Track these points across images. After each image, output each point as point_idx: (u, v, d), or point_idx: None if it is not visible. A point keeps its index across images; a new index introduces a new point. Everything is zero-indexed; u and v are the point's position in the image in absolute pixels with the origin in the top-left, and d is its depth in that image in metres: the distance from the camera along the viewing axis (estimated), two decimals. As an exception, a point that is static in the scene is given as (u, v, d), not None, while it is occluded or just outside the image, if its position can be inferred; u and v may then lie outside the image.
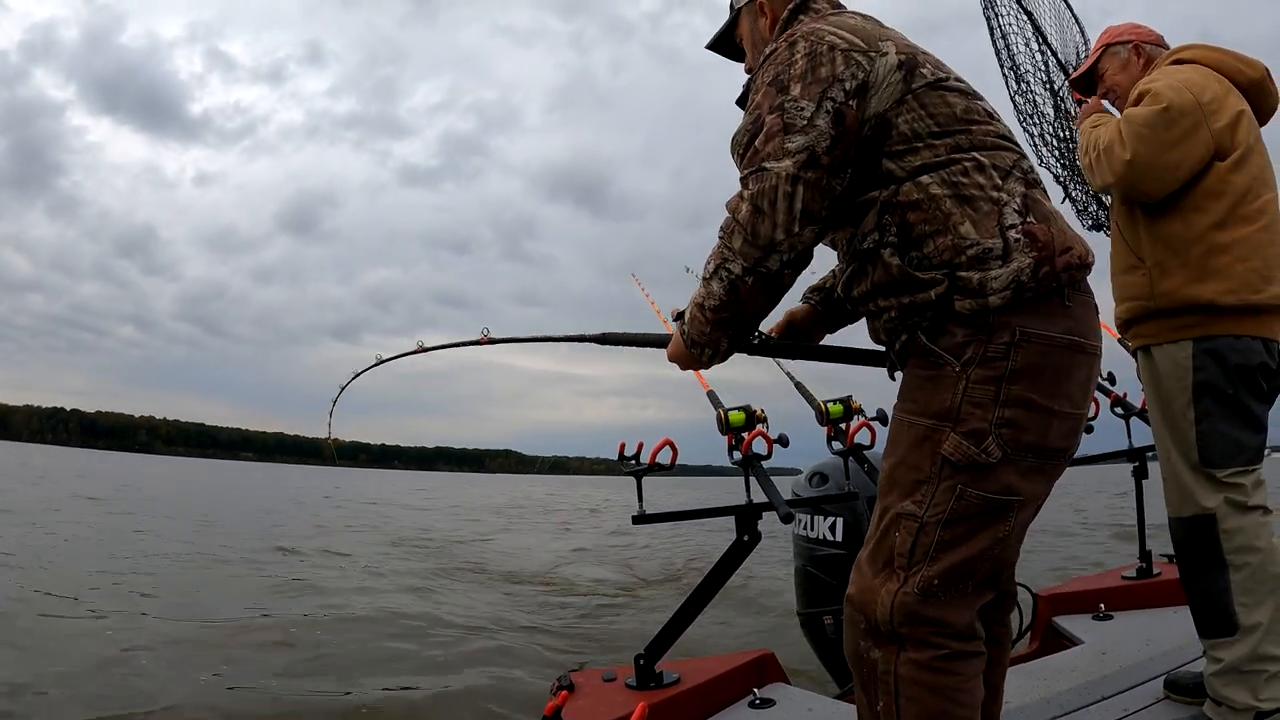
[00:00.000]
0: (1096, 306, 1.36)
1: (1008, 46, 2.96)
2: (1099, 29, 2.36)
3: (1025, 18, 2.94)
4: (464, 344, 2.07)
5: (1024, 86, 2.93)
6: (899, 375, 1.41)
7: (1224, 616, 1.83)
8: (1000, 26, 2.97)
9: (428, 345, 2.14)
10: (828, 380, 2.23)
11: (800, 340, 1.70)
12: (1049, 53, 2.94)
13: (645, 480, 2.10)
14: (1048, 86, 2.89)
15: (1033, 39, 2.95)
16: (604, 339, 1.84)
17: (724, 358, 1.44)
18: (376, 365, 2.18)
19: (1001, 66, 2.96)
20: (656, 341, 1.68)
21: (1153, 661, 2.34)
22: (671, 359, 1.51)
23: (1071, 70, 2.83)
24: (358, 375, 2.22)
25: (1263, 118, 2.02)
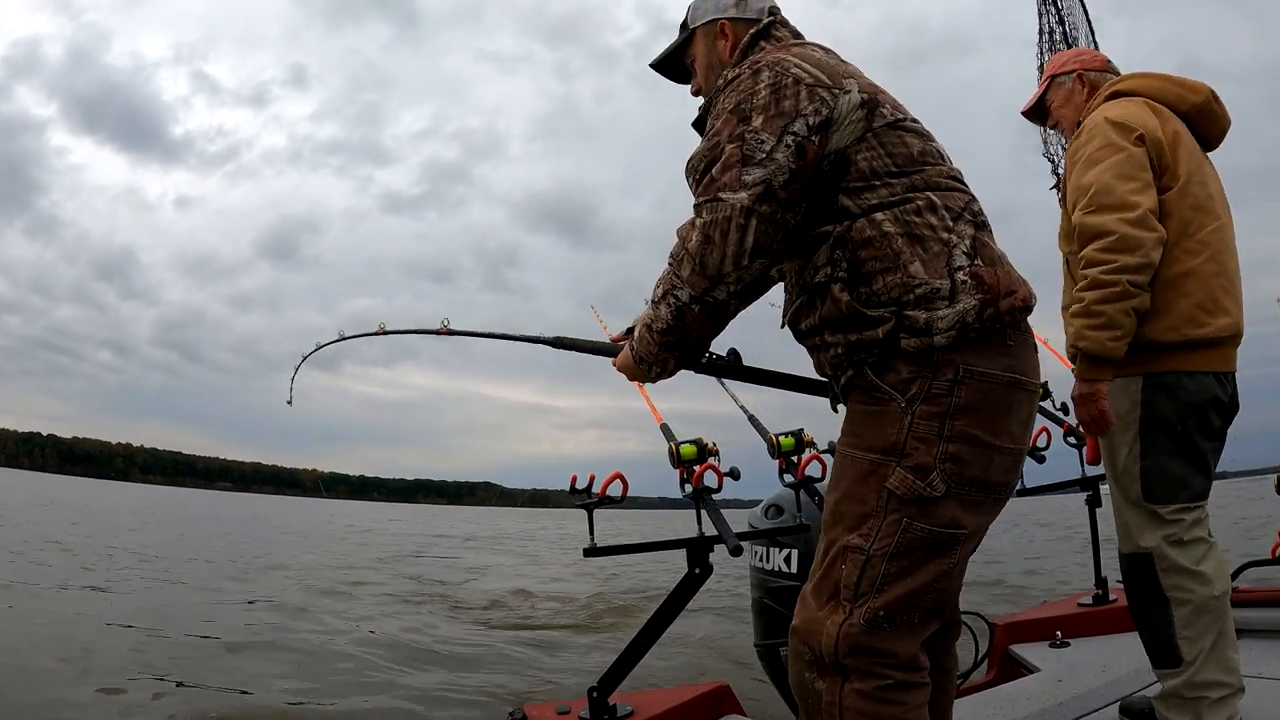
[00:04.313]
0: (1036, 345, 1.39)
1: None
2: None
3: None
4: (424, 331, 2.16)
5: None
6: (841, 409, 1.43)
7: (1169, 649, 1.85)
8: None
9: (389, 329, 2.23)
10: (784, 411, 2.26)
11: None
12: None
13: (618, 513, 2.11)
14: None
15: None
16: (558, 342, 1.87)
17: (671, 374, 1.48)
18: (339, 341, 2.30)
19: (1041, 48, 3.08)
20: (608, 350, 1.71)
21: (1108, 688, 2.36)
22: (619, 369, 1.55)
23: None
24: (321, 347, 2.35)
25: (1211, 142, 2.03)
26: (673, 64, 1.67)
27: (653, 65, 1.68)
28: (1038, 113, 2.32)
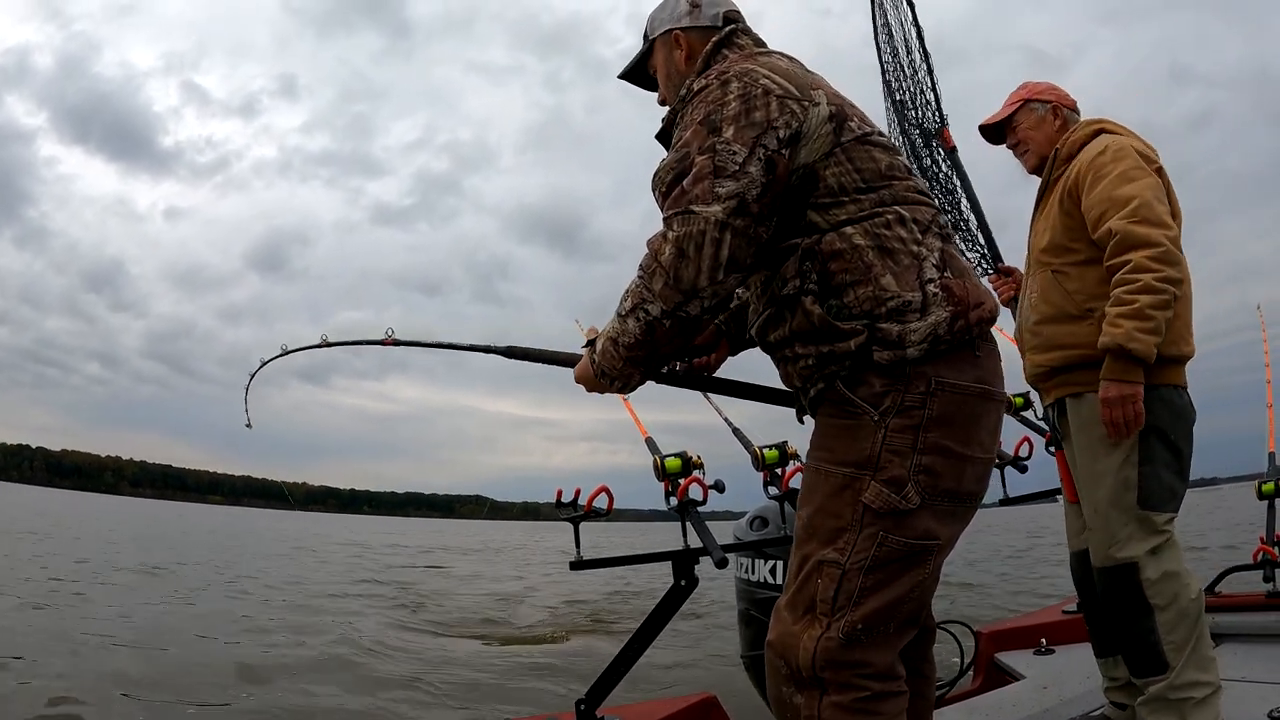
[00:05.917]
0: (999, 355, 1.41)
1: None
2: (1068, 67, 2.34)
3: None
4: (368, 342, 2.12)
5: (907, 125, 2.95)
6: (808, 420, 1.43)
7: (1154, 657, 1.88)
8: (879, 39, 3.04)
9: (331, 340, 2.19)
10: (768, 424, 2.28)
11: (699, 354, 1.72)
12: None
13: (610, 525, 2.11)
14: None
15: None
16: (510, 352, 1.84)
17: (633, 389, 1.45)
18: (282, 355, 2.25)
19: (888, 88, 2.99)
20: (564, 360, 1.67)
21: (1093, 694, 2.39)
22: (578, 381, 1.49)
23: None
24: (265, 364, 2.28)
25: None
26: (640, 73, 1.67)
27: (621, 76, 1.68)
28: (996, 131, 2.36)
